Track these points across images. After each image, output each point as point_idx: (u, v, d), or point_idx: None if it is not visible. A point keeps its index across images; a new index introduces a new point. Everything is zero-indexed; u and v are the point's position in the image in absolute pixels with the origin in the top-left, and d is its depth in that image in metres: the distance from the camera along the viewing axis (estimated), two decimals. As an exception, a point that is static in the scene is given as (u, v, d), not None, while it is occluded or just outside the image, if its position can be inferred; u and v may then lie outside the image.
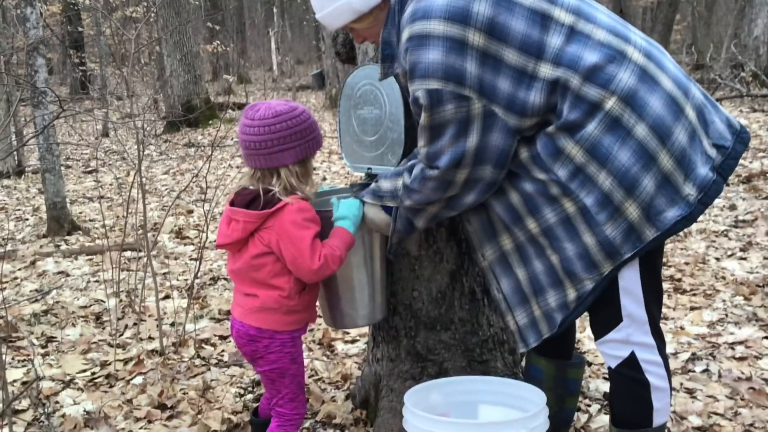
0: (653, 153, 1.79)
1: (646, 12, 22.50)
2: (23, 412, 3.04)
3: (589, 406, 2.83)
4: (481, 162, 1.87)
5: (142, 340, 3.77)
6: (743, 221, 5.19)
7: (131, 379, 3.32)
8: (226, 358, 3.52)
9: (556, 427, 2.22)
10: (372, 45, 2.43)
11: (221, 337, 3.77)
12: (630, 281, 1.88)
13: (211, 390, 3.15)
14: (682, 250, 4.67)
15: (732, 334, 3.42)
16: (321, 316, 3.89)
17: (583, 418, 2.73)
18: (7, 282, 4.92)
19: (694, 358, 3.20)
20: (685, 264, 4.38)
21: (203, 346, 3.66)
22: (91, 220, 7.04)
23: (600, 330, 1.97)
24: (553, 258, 1.94)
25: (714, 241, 4.82)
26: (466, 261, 2.54)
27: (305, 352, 3.50)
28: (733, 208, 5.53)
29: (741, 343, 3.32)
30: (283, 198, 2.08)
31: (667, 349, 3.27)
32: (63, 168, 7.97)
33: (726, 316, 3.63)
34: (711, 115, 1.90)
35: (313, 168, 2.27)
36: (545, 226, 1.92)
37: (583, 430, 2.67)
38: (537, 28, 1.80)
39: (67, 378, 3.38)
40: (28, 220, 7.27)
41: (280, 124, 2.07)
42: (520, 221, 1.96)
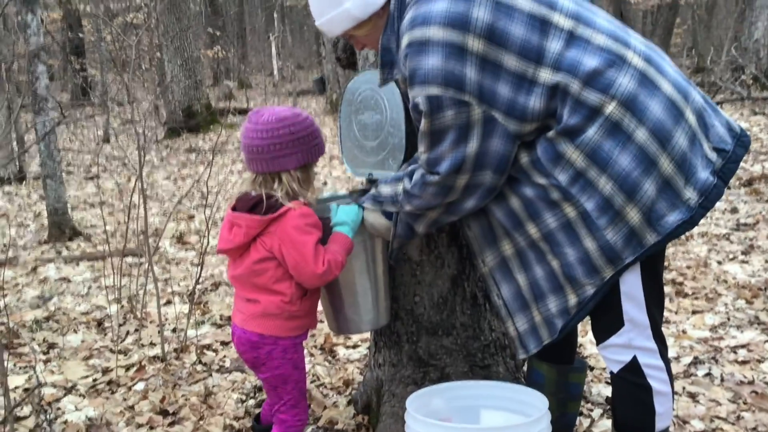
0: (654, 157, 1.79)
1: (646, 16, 22.50)
2: (25, 418, 3.04)
3: (592, 410, 2.83)
4: (481, 167, 1.87)
5: (143, 346, 3.77)
6: (745, 224, 5.19)
7: (133, 385, 3.32)
8: (227, 364, 3.52)
9: (558, 431, 2.22)
10: (373, 50, 2.43)
11: (223, 343, 3.77)
12: (631, 286, 1.88)
13: (212, 396, 3.15)
14: (683, 253, 4.67)
15: (734, 337, 3.41)
16: (322, 321, 3.90)
17: (586, 422, 2.73)
18: (8, 288, 4.92)
19: (697, 362, 3.19)
20: (687, 268, 4.37)
21: (205, 351, 3.66)
22: (92, 226, 7.05)
23: (602, 335, 1.97)
24: (553, 263, 1.94)
25: (716, 244, 4.82)
26: (467, 266, 2.54)
27: (307, 358, 3.50)
28: (734, 211, 5.52)
29: (743, 346, 3.31)
30: (286, 203, 2.08)
31: (669, 353, 3.26)
32: (64, 174, 7.97)
33: (728, 319, 3.62)
34: (711, 119, 1.90)
35: (315, 174, 2.27)
36: (546, 231, 1.92)
37: (585, 435, 2.67)
38: (536, 34, 1.80)
39: (69, 384, 3.37)
40: (29, 226, 7.27)
41: (284, 129, 2.07)
42: (521, 226, 1.96)
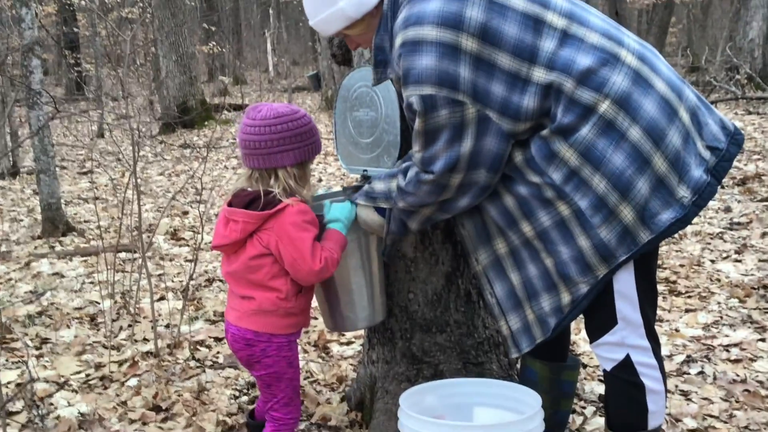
0: (647, 156, 1.79)
1: (641, 14, 22.54)
2: (17, 414, 3.03)
3: (584, 408, 2.83)
4: (475, 166, 1.87)
5: (136, 341, 3.76)
6: (738, 224, 5.20)
7: (126, 380, 3.31)
8: (221, 360, 3.51)
9: (551, 429, 2.22)
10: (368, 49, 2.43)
11: (216, 339, 3.76)
12: (625, 284, 1.88)
13: (206, 392, 3.14)
14: (677, 252, 4.68)
15: (727, 336, 3.42)
16: (316, 318, 3.90)
17: (578, 420, 2.73)
18: (1, 283, 4.90)
19: (689, 361, 3.20)
20: (680, 266, 4.39)
21: (198, 347, 3.65)
22: (86, 221, 7.02)
23: (595, 333, 1.97)
24: (547, 261, 1.94)
25: (709, 243, 4.83)
26: (461, 263, 2.54)
27: (300, 355, 3.50)
28: (728, 210, 5.54)
29: (736, 345, 3.32)
30: (284, 199, 2.08)
31: (662, 351, 3.27)
32: (58, 169, 7.94)
33: (721, 318, 3.63)
34: (705, 117, 1.91)
35: (311, 172, 2.26)
36: (540, 230, 1.92)
37: (578, 433, 2.67)
38: (530, 33, 1.80)
39: (62, 380, 3.36)
40: (22, 221, 7.24)
41: (281, 125, 2.07)
42: (515, 225, 1.96)
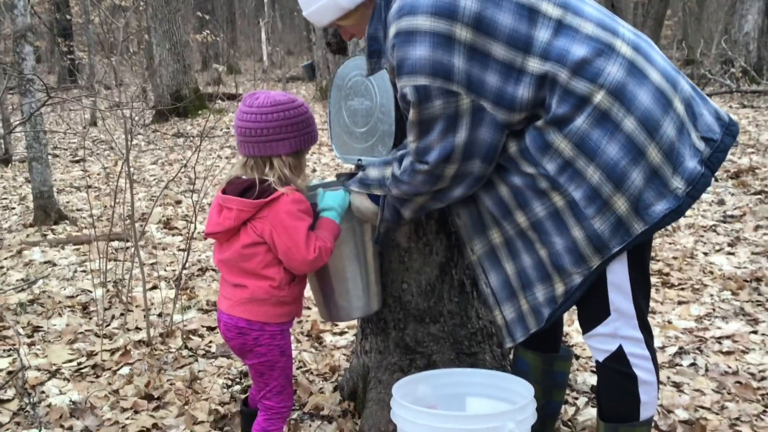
0: (642, 147, 1.78)
1: (637, 7, 22.52)
2: (9, 401, 3.02)
3: (577, 399, 2.84)
4: (469, 157, 1.86)
5: (129, 330, 3.76)
6: (731, 216, 5.21)
7: (118, 369, 3.30)
8: (213, 349, 3.51)
9: (543, 419, 2.23)
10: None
11: (209, 328, 3.76)
12: (618, 275, 1.88)
13: (198, 381, 3.14)
14: (670, 244, 4.69)
15: (719, 328, 3.43)
16: (309, 308, 3.89)
17: (571, 410, 2.74)
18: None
19: (682, 352, 3.21)
20: (674, 258, 4.40)
21: (191, 336, 3.65)
22: (78, 210, 7.00)
23: (588, 324, 1.97)
24: (542, 252, 1.94)
25: (702, 235, 4.84)
26: (455, 253, 2.53)
27: (293, 344, 3.50)
28: (721, 203, 5.55)
29: (728, 337, 3.33)
30: (279, 188, 2.07)
31: (654, 343, 3.28)
32: (50, 157, 7.91)
33: (713, 310, 3.65)
34: (699, 108, 1.90)
35: (306, 161, 2.25)
36: (534, 220, 1.91)
37: (570, 423, 2.68)
38: (524, 22, 1.79)
39: (53, 368, 3.36)
40: (14, 209, 7.21)
41: (278, 114, 2.06)
42: (510, 215, 1.96)
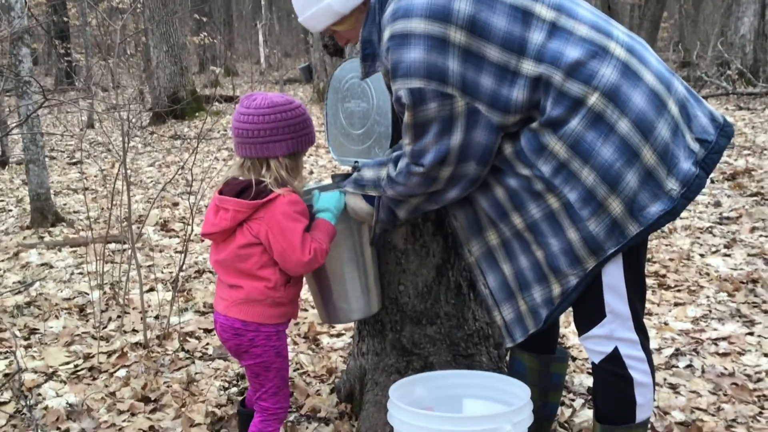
0: (636, 148, 1.79)
1: (633, 9, 22.56)
2: (5, 404, 3.02)
3: (573, 400, 2.84)
4: (465, 159, 1.87)
5: (125, 332, 3.75)
6: (728, 218, 5.22)
7: (115, 371, 3.30)
8: (210, 351, 3.51)
9: (539, 421, 2.23)
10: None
11: (206, 330, 3.76)
12: (613, 277, 1.89)
13: (195, 383, 3.14)
14: (666, 246, 4.70)
15: (715, 330, 3.44)
16: (306, 310, 3.89)
17: (567, 412, 2.74)
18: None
19: (678, 354, 3.21)
20: (670, 260, 4.40)
21: (187, 339, 3.65)
22: (75, 212, 6.99)
23: (583, 325, 1.97)
24: (538, 253, 1.94)
25: (698, 237, 4.85)
26: (452, 255, 2.54)
27: (290, 346, 3.50)
28: (717, 205, 5.56)
29: (724, 339, 3.34)
30: (275, 189, 2.08)
31: (650, 344, 3.27)
32: (47, 159, 7.90)
33: (710, 312, 3.65)
34: (694, 110, 1.91)
35: (303, 164, 2.26)
36: (530, 222, 1.92)
37: (567, 425, 2.68)
38: (519, 25, 1.79)
39: (50, 370, 3.35)
40: (11, 211, 7.21)
41: (275, 115, 2.07)
42: (506, 216, 1.96)
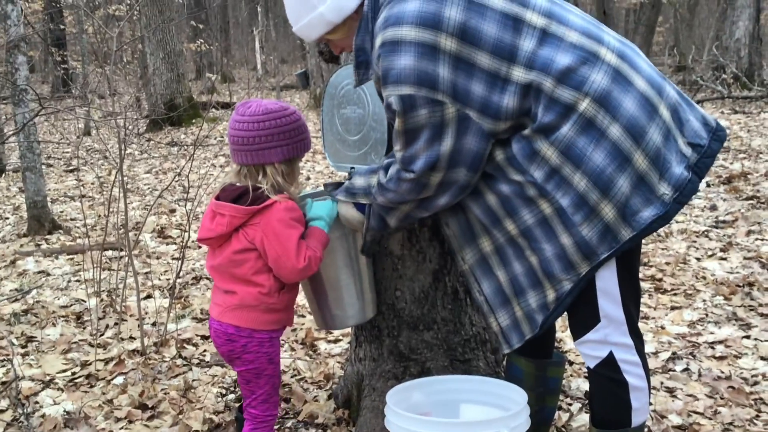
0: (628, 153, 1.80)
1: (629, 14, 22.65)
2: (2, 412, 3.01)
3: (571, 405, 2.84)
4: (455, 165, 1.87)
5: (123, 339, 3.75)
6: (724, 222, 5.23)
7: (112, 379, 3.30)
8: (207, 358, 3.50)
9: (537, 426, 2.23)
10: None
11: (203, 337, 3.75)
12: (607, 282, 1.89)
13: (192, 390, 3.13)
14: (663, 250, 4.71)
15: (712, 333, 3.44)
16: (303, 316, 3.89)
17: (564, 416, 2.75)
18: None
19: (675, 358, 3.22)
20: (666, 264, 4.41)
21: (185, 346, 3.65)
22: (72, 219, 6.98)
23: (578, 330, 1.98)
24: (532, 259, 1.95)
25: (695, 241, 4.86)
26: (448, 261, 2.54)
27: (288, 352, 3.49)
28: (713, 208, 5.57)
29: (721, 342, 3.34)
30: (272, 196, 2.08)
31: (647, 348, 3.28)
32: (44, 167, 7.90)
33: (706, 315, 3.66)
34: (686, 114, 1.92)
35: (300, 169, 2.26)
36: (523, 227, 1.92)
37: (564, 429, 2.68)
38: (509, 32, 1.80)
39: (47, 378, 3.35)
40: (8, 219, 7.20)
41: (270, 122, 2.08)
42: (499, 223, 1.97)
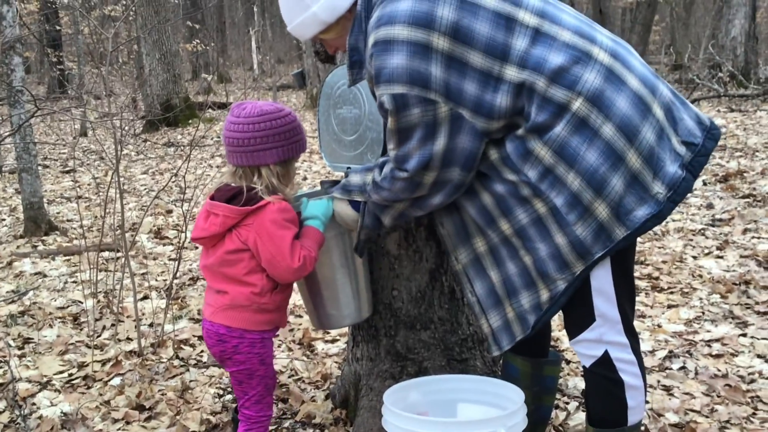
0: (621, 152, 1.80)
1: (625, 13, 22.68)
2: (-1, 414, 3.01)
3: (568, 403, 2.85)
4: (449, 164, 1.87)
5: (120, 341, 3.75)
6: (720, 220, 5.24)
7: (109, 380, 3.29)
8: (204, 359, 3.50)
9: (533, 424, 2.23)
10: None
11: (200, 338, 3.75)
12: (602, 281, 1.89)
13: (189, 391, 3.13)
14: (659, 248, 4.71)
15: (708, 331, 3.45)
16: (300, 316, 3.89)
17: (562, 415, 2.75)
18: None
19: (671, 356, 3.22)
20: (663, 262, 4.42)
21: (182, 346, 3.64)
22: (68, 221, 6.98)
23: (574, 330, 1.98)
24: (526, 259, 1.95)
25: (691, 239, 4.87)
26: (445, 260, 2.54)
27: (285, 352, 3.49)
28: (710, 207, 5.58)
29: (717, 340, 3.35)
30: (266, 197, 2.08)
31: (644, 346, 3.28)
32: (40, 168, 7.89)
33: (703, 313, 3.66)
34: (680, 113, 1.92)
35: (295, 171, 2.26)
36: (518, 227, 1.93)
37: (561, 428, 2.68)
38: (502, 31, 1.80)
39: (44, 379, 3.35)
40: (4, 220, 7.19)
41: (264, 123, 2.08)
42: (493, 222, 1.97)
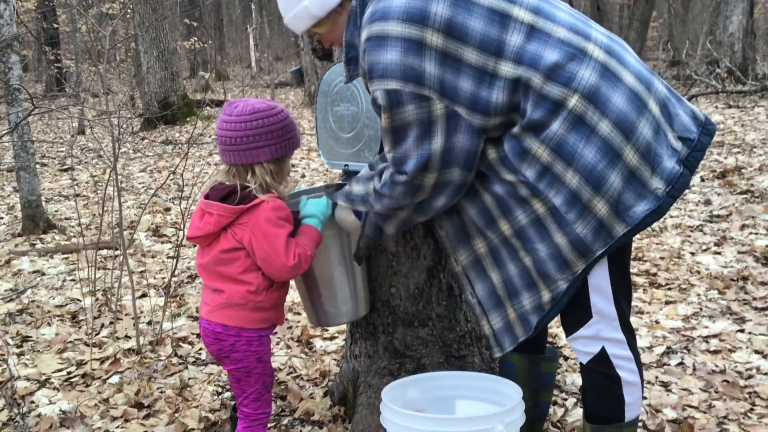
0: (618, 149, 1.80)
1: (622, 9, 22.65)
2: (-2, 412, 3.01)
3: (566, 400, 2.85)
4: (448, 164, 1.86)
5: (118, 338, 3.75)
6: (718, 216, 5.24)
7: (108, 378, 3.30)
8: (203, 357, 3.50)
9: (531, 421, 2.24)
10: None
11: (198, 336, 3.75)
12: (599, 278, 1.89)
13: (188, 388, 3.13)
14: (657, 244, 4.72)
15: (706, 327, 3.45)
16: (299, 314, 3.89)
17: (560, 411, 2.75)
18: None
19: (669, 352, 3.23)
20: (661, 258, 4.42)
21: (180, 344, 3.65)
22: (66, 219, 6.97)
23: (570, 327, 1.98)
24: (526, 260, 1.95)
25: (689, 235, 4.87)
26: (443, 257, 2.54)
27: (283, 350, 3.50)
28: (708, 203, 5.59)
29: (715, 336, 3.36)
30: (260, 195, 2.08)
31: (642, 342, 3.29)
32: (38, 166, 7.88)
33: (700, 309, 3.67)
34: (675, 108, 1.92)
35: (291, 167, 2.26)
36: (517, 228, 1.92)
37: (559, 424, 2.69)
38: (496, 27, 1.80)
39: (43, 377, 3.35)
40: (2, 218, 7.18)
41: (257, 122, 2.07)
42: (493, 223, 1.96)
